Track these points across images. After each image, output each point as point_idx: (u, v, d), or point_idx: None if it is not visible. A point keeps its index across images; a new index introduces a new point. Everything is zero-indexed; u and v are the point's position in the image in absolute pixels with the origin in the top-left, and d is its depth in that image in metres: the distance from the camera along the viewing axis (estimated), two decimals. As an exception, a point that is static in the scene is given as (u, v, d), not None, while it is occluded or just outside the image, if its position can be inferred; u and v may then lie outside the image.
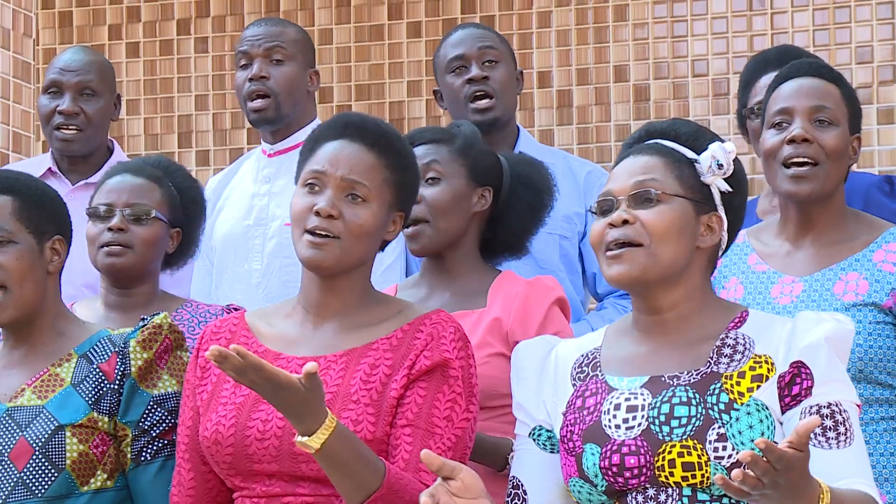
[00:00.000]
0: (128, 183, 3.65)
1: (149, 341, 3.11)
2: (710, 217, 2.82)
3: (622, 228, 2.76)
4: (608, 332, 2.89)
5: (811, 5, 6.01)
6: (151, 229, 3.63)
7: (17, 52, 5.67)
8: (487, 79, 4.26)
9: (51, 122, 4.55)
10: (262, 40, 4.39)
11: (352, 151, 2.93)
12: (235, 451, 2.84)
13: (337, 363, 2.86)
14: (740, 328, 2.78)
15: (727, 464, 2.65)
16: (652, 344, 2.80)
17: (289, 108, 4.39)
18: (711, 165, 2.81)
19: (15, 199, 3.13)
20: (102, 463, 3.06)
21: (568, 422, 2.80)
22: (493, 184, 3.49)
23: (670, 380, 2.74)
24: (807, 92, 3.39)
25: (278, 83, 4.37)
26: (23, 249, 3.10)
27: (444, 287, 3.44)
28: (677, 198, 2.78)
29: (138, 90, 6.54)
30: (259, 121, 4.40)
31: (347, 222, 2.88)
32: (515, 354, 2.93)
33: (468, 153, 3.47)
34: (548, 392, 2.86)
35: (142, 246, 3.61)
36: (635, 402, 2.73)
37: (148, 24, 6.57)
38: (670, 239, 2.76)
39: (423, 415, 2.82)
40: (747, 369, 2.72)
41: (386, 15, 6.42)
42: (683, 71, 6.15)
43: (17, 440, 3.04)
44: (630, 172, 2.81)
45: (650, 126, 2.91)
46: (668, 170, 2.80)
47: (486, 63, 4.27)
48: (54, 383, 3.09)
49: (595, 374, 2.82)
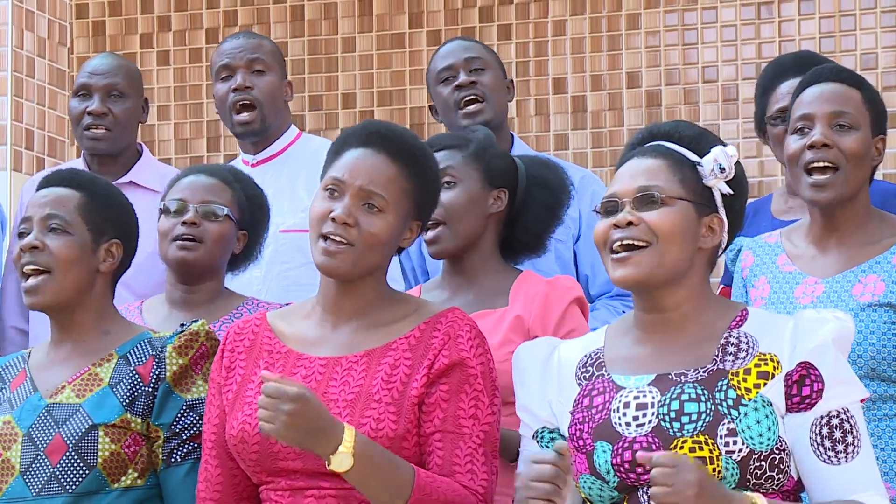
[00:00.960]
0: (202, 181, 3.65)
1: (185, 347, 3.09)
2: (712, 219, 2.80)
3: (627, 230, 2.74)
4: (609, 331, 2.87)
5: (817, 13, 5.99)
6: (222, 227, 3.61)
7: (52, 61, 5.67)
8: (475, 84, 4.24)
9: (81, 123, 4.56)
10: (244, 52, 4.41)
11: (374, 162, 2.90)
12: (261, 449, 2.83)
13: (358, 363, 2.85)
14: (742, 326, 2.76)
15: (738, 458, 2.65)
16: (655, 342, 2.79)
17: (272, 117, 4.41)
18: (714, 169, 2.79)
19: (83, 196, 3.16)
20: (134, 462, 3.05)
21: (576, 420, 2.78)
22: (509, 185, 3.47)
23: (678, 377, 2.73)
24: (827, 97, 3.36)
25: (262, 93, 4.39)
26: (75, 241, 3.12)
27: (466, 288, 3.42)
28: (680, 200, 2.77)
29: (169, 96, 6.54)
30: (246, 133, 4.41)
31: (362, 231, 2.86)
32: (517, 357, 2.91)
33: (482, 157, 3.45)
34: (552, 392, 2.84)
35: (212, 242, 3.59)
36: (644, 399, 2.72)
37: (178, 33, 6.58)
38: (675, 240, 2.75)
39: (450, 418, 2.80)
40: (753, 366, 2.71)
41: (407, 24, 6.42)
42: (694, 77, 6.14)
43: (54, 436, 3.04)
44: (634, 175, 2.79)
45: (654, 128, 2.89)
46: (672, 173, 2.78)
47: (473, 70, 4.25)
48: (93, 383, 3.08)
49: (601, 374, 2.80)
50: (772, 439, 2.67)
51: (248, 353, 2.92)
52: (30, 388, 3.11)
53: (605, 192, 2.81)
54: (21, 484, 3.02)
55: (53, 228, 3.11)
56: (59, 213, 3.12)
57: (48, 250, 3.10)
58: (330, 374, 2.84)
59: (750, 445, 2.65)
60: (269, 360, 2.89)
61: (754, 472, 2.66)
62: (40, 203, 3.14)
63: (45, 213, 3.12)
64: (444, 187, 3.39)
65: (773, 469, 2.67)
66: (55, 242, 3.10)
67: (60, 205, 3.13)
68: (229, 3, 6.55)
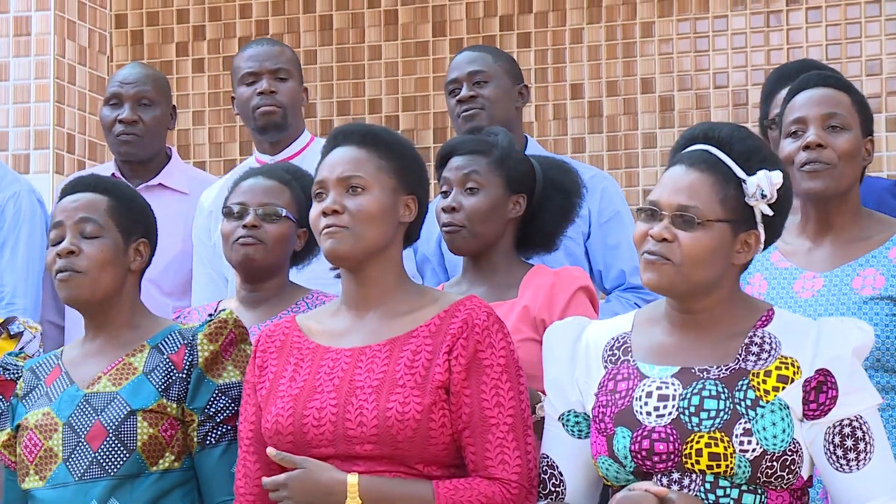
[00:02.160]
0: (260, 185, 3.63)
1: (215, 335, 3.09)
2: (749, 234, 2.75)
3: (661, 244, 2.70)
4: (637, 318, 2.85)
5: (824, 21, 5.98)
6: (281, 227, 3.59)
7: (92, 68, 5.67)
8: (475, 97, 4.24)
9: (112, 131, 4.57)
10: (268, 59, 4.41)
11: (343, 152, 2.92)
12: (295, 439, 2.83)
13: (381, 351, 2.84)
14: (767, 327, 2.74)
15: (751, 457, 2.63)
16: (682, 336, 2.76)
17: (292, 119, 4.41)
18: (755, 193, 2.74)
19: (111, 200, 3.15)
20: (171, 445, 3.05)
21: (600, 403, 2.76)
22: (528, 190, 3.48)
23: (700, 373, 2.71)
24: (818, 101, 3.35)
25: (285, 97, 4.40)
26: (108, 243, 3.11)
27: (482, 282, 3.43)
28: (718, 223, 2.72)
29: (203, 102, 6.54)
30: (269, 125, 4.40)
31: (351, 212, 2.86)
32: (547, 336, 2.89)
33: (505, 164, 3.45)
34: (580, 372, 2.82)
35: (272, 242, 3.57)
36: (666, 391, 2.70)
37: (212, 41, 6.58)
38: (703, 263, 2.71)
39: (476, 413, 2.80)
40: (773, 369, 2.69)
41: (430, 32, 6.41)
42: (705, 83, 6.12)
43: (94, 423, 3.04)
44: (678, 188, 2.73)
45: (710, 129, 2.81)
46: (714, 191, 2.72)
47: (475, 83, 4.24)
48: (128, 372, 3.08)
49: (626, 359, 2.78)
50: (786, 441, 2.65)
51: (279, 352, 2.93)
52: (66, 382, 3.11)
53: (650, 196, 2.76)
54: (64, 470, 3.03)
55: (87, 232, 3.11)
56: (92, 216, 3.12)
57: (84, 254, 3.09)
58: (355, 362, 2.84)
59: (764, 446, 2.64)
60: (299, 357, 2.90)
61: (765, 471, 2.64)
62: (72, 208, 3.13)
63: (78, 217, 3.11)
64: (469, 192, 3.41)
65: (784, 469, 2.65)
66: (90, 247, 3.10)
67: (92, 209, 3.12)
68: (261, 12, 6.55)
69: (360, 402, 2.78)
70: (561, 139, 6.25)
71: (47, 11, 5.54)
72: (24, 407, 3.13)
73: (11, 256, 4.42)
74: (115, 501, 3.00)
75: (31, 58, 5.54)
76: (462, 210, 3.39)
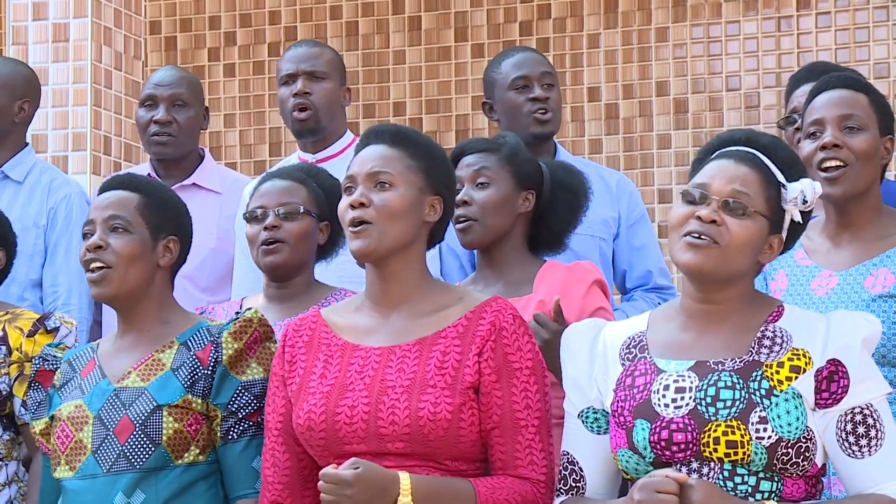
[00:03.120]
0: (277, 186, 3.62)
1: (240, 333, 3.08)
2: (775, 238, 2.76)
3: (709, 226, 2.69)
4: (652, 316, 2.84)
5: (833, 26, 5.95)
6: (301, 224, 3.58)
7: (128, 73, 5.66)
8: (549, 99, 4.23)
9: (147, 131, 4.56)
10: (305, 61, 4.38)
11: (374, 150, 2.92)
12: (327, 435, 2.81)
13: (411, 351, 2.83)
14: (778, 322, 2.74)
15: (767, 444, 2.63)
16: (697, 330, 2.76)
17: (327, 119, 4.37)
18: (797, 198, 2.75)
19: (142, 198, 3.14)
20: (195, 440, 3.05)
21: (619, 398, 2.75)
22: (536, 188, 3.49)
23: (716, 365, 2.70)
24: (836, 102, 3.33)
25: (319, 98, 4.35)
26: (136, 240, 3.11)
27: (496, 279, 3.44)
28: (761, 216, 2.73)
29: (234, 105, 6.55)
30: (303, 130, 4.38)
31: (377, 206, 2.85)
32: (566, 337, 2.88)
33: (514, 161, 3.47)
34: (599, 370, 2.81)
35: (294, 240, 3.56)
36: (683, 383, 2.69)
37: (242, 47, 6.58)
38: (744, 251, 2.71)
39: (506, 414, 2.80)
40: (786, 360, 2.68)
41: (453, 38, 6.40)
42: (718, 86, 6.11)
43: (122, 417, 3.04)
44: (730, 177, 2.73)
45: (752, 135, 2.81)
46: (762, 188, 2.73)
47: (546, 85, 4.24)
48: (156, 367, 3.08)
49: (643, 356, 2.77)
50: (800, 429, 2.64)
51: (308, 347, 2.91)
52: (98, 375, 3.11)
53: (695, 181, 2.75)
54: (93, 462, 3.03)
55: (115, 228, 3.10)
56: (121, 214, 3.11)
57: (111, 249, 3.09)
58: (385, 362, 2.83)
59: (779, 433, 2.63)
60: (328, 353, 2.88)
61: (781, 458, 2.64)
62: (103, 206, 3.13)
63: (108, 214, 3.11)
64: (479, 186, 3.43)
65: (799, 456, 2.65)
66: (117, 241, 3.09)
67: (121, 206, 3.12)
68: (290, 19, 6.55)
69: (392, 401, 2.77)
70: (579, 140, 6.23)
71: (84, 18, 5.55)
72: (60, 398, 3.14)
73: (65, 258, 4.44)
74: (141, 493, 3.00)
75: (69, 63, 5.54)
76: (473, 203, 3.41)
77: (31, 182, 4.53)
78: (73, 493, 3.04)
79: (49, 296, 4.42)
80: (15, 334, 3.71)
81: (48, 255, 4.45)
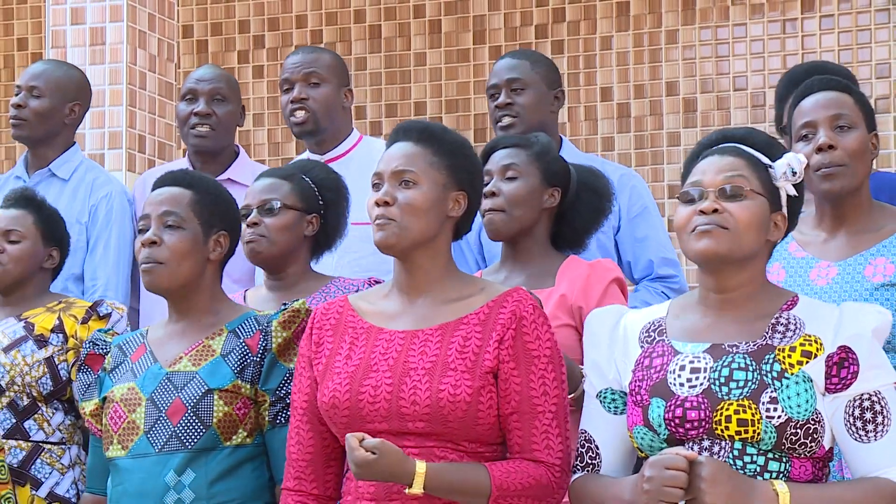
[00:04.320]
0: (260, 184, 3.66)
1: (288, 322, 3.10)
2: (777, 216, 2.77)
3: (711, 216, 2.70)
4: (672, 304, 2.85)
5: (837, 28, 5.95)
6: (280, 218, 3.59)
7: (161, 75, 5.69)
8: (511, 105, 4.22)
9: (187, 124, 4.56)
10: (301, 67, 4.37)
11: (400, 148, 2.91)
12: (350, 413, 2.81)
13: (433, 336, 2.83)
14: (792, 310, 2.74)
15: (777, 423, 2.63)
16: (714, 317, 2.77)
17: (325, 121, 4.35)
18: (786, 172, 2.75)
19: (194, 194, 3.15)
20: (244, 423, 3.06)
21: (636, 378, 2.76)
22: (562, 186, 3.49)
23: (730, 348, 2.71)
24: (824, 104, 3.33)
25: (316, 102, 4.34)
26: (188, 235, 3.12)
27: (520, 270, 3.43)
28: (759, 196, 2.73)
29: (263, 105, 6.57)
30: (302, 133, 4.37)
31: (400, 204, 2.85)
32: (589, 321, 2.89)
33: (543, 158, 3.47)
34: (619, 353, 2.82)
35: (274, 233, 3.58)
36: (698, 364, 2.70)
37: (270, 50, 6.60)
38: (752, 229, 2.71)
39: (524, 400, 2.79)
40: (798, 345, 2.68)
41: (471, 40, 6.41)
42: (726, 86, 6.10)
43: (174, 400, 3.05)
44: (719, 169, 2.75)
45: (727, 132, 2.84)
46: (751, 170, 2.75)
47: (512, 90, 4.21)
48: (207, 353, 3.09)
49: (661, 340, 2.78)
50: (809, 411, 2.64)
51: (335, 329, 2.91)
52: (150, 360, 3.12)
53: (688, 182, 2.77)
54: (145, 441, 3.05)
55: (169, 224, 3.11)
56: (174, 210, 3.12)
57: (164, 245, 3.09)
58: (409, 345, 2.83)
59: (789, 414, 2.63)
60: (354, 335, 2.88)
61: (789, 438, 2.64)
62: (157, 202, 3.14)
63: (162, 210, 3.12)
64: (508, 179, 3.43)
65: (807, 437, 2.65)
66: (171, 237, 3.10)
67: (175, 203, 3.13)
68: (315, 23, 6.56)
69: (414, 382, 2.77)
70: (592, 138, 6.24)
71: (120, 23, 5.57)
72: (111, 380, 3.15)
73: (104, 253, 4.45)
74: (192, 472, 3.02)
75: (105, 65, 5.57)
76: (501, 194, 3.40)
77: (76, 180, 4.56)
78: (126, 472, 3.05)
79: (89, 289, 4.43)
80: (70, 322, 3.76)
81: (89, 249, 4.46)
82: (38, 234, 3.87)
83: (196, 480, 3.02)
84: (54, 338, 3.75)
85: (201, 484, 3.01)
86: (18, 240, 3.85)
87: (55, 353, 3.74)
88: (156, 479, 3.02)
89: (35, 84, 4.54)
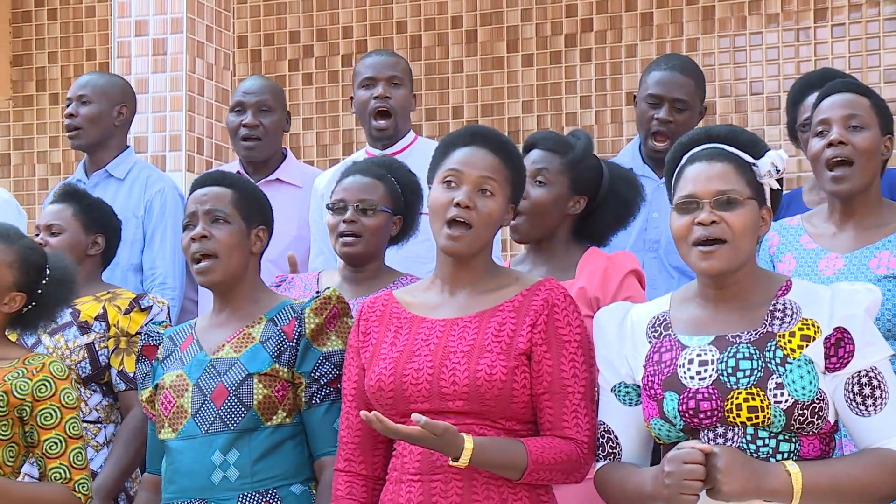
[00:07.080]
0: (358, 182, 3.57)
1: (320, 309, 3.09)
2: (764, 210, 2.75)
3: (710, 227, 2.67)
4: (673, 297, 2.82)
5: (847, 36, 5.90)
6: (377, 220, 3.54)
7: (218, 82, 5.70)
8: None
9: (237, 134, 4.60)
10: (386, 67, 4.37)
11: (482, 155, 2.87)
12: (395, 395, 2.82)
13: (472, 322, 2.84)
14: (787, 295, 2.72)
15: (784, 406, 2.62)
16: (715, 308, 2.75)
17: (402, 123, 4.37)
18: (770, 170, 2.73)
19: (234, 192, 3.15)
20: (282, 404, 3.06)
21: (648, 373, 2.74)
22: (591, 193, 3.38)
23: (733, 339, 2.69)
24: (841, 104, 3.32)
25: (397, 102, 4.35)
26: (234, 230, 3.12)
27: (543, 263, 3.36)
28: (749, 200, 2.71)
29: (311, 110, 6.58)
30: (382, 138, 4.36)
31: (480, 212, 2.83)
32: (597, 319, 2.86)
33: (576, 167, 3.34)
34: (628, 348, 2.80)
35: (369, 234, 3.52)
36: (705, 357, 2.68)
37: (319, 58, 6.61)
38: (747, 234, 2.70)
39: (556, 381, 2.79)
40: (797, 330, 2.67)
41: (505, 49, 6.40)
42: (743, 91, 6.06)
43: (217, 384, 3.06)
44: (709, 178, 2.71)
45: (710, 130, 2.79)
46: (739, 175, 2.71)
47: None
48: (247, 340, 3.09)
49: (668, 334, 2.76)
50: (812, 391, 2.63)
51: (381, 321, 2.92)
52: (196, 348, 3.13)
53: (681, 193, 2.72)
54: (193, 424, 3.06)
55: (216, 220, 3.11)
56: (220, 207, 3.11)
57: (215, 238, 3.09)
58: (449, 331, 2.84)
59: (795, 397, 2.62)
60: (398, 325, 2.89)
61: (797, 419, 2.63)
62: (201, 200, 3.13)
63: (208, 207, 3.11)
64: (537, 184, 3.32)
65: (814, 416, 2.64)
66: (220, 232, 3.10)
67: (219, 200, 3.12)
68: (360, 33, 6.56)
69: (454, 364, 2.78)
70: (618, 140, 6.22)
71: (180, 34, 5.59)
72: (163, 369, 3.16)
73: (161, 244, 4.48)
74: (236, 451, 3.02)
75: (166, 74, 5.59)
76: (528, 199, 3.28)
77: (131, 178, 4.60)
78: (177, 452, 3.07)
79: (148, 277, 4.47)
80: (113, 312, 3.78)
81: (146, 242, 4.50)
82: (77, 224, 3.89)
83: (240, 459, 3.02)
84: (97, 325, 3.77)
85: (245, 462, 3.02)
86: (59, 232, 3.88)
87: (97, 340, 3.76)
88: (203, 459, 3.02)
89: (83, 93, 4.61)
